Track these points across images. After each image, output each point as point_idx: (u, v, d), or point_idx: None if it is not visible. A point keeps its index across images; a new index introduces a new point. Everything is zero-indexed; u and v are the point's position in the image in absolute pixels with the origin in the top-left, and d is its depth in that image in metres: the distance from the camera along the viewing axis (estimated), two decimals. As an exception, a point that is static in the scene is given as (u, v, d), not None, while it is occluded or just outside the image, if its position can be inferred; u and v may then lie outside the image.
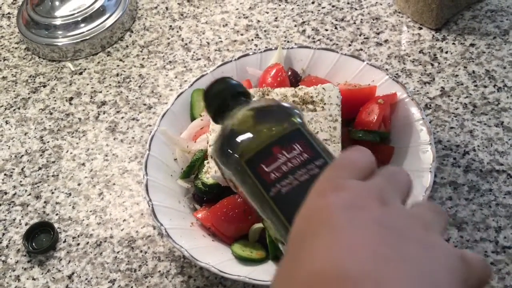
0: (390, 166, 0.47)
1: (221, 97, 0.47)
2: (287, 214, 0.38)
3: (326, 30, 0.83)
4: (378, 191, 0.31)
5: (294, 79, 0.69)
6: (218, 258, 0.57)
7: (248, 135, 0.42)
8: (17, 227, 0.70)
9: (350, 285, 0.26)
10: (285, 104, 0.45)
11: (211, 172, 0.59)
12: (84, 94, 0.83)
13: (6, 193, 0.74)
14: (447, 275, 0.28)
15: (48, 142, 0.78)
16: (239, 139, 0.42)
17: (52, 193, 0.73)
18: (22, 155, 0.77)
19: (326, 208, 0.30)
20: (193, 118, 0.68)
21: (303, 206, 0.31)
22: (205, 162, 0.61)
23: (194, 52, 0.84)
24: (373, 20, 0.83)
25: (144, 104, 0.80)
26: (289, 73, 0.70)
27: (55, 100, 0.83)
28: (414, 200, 0.34)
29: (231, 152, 0.42)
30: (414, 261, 0.28)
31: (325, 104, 0.60)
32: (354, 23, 0.83)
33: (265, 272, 0.56)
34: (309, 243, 0.29)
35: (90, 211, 0.70)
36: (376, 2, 0.85)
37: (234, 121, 0.44)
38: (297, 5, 0.87)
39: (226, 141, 0.43)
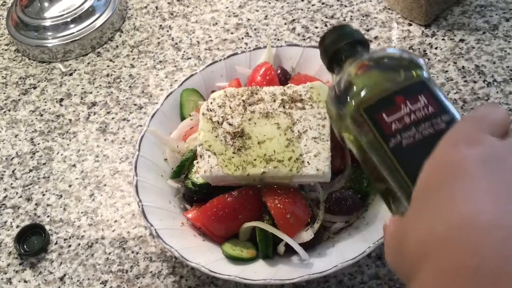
0: None
1: (338, 44, 0.45)
2: (408, 169, 0.35)
3: (316, 27, 0.83)
4: None
5: (284, 78, 0.69)
6: (208, 257, 0.57)
7: (369, 82, 0.40)
8: (9, 230, 0.70)
9: (505, 233, 0.25)
10: (409, 54, 0.42)
11: (200, 172, 0.59)
12: (75, 95, 0.82)
13: (-3, 196, 0.74)
14: None
15: (38, 144, 0.78)
16: (358, 86, 0.40)
17: (43, 195, 0.72)
18: (13, 157, 0.77)
19: (460, 159, 0.29)
20: (182, 118, 0.68)
21: (430, 158, 0.30)
22: (195, 162, 0.61)
23: (184, 52, 0.84)
24: (363, 17, 0.83)
25: (135, 104, 0.79)
26: (279, 71, 0.69)
27: (46, 102, 0.82)
28: None
29: (348, 100, 0.40)
30: None
31: (314, 102, 0.60)
32: (344, 20, 0.83)
33: (256, 271, 0.56)
34: (444, 194, 0.28)
35: (81, 213, 0.70)
36: (366, -1, 0.85)
37: (352, 68, 0.42)
38: (287, 3, 0.87)
39: (343, 89, 0.41)
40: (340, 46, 0.45)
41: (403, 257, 0.30)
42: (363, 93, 0.39)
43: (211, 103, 0.62)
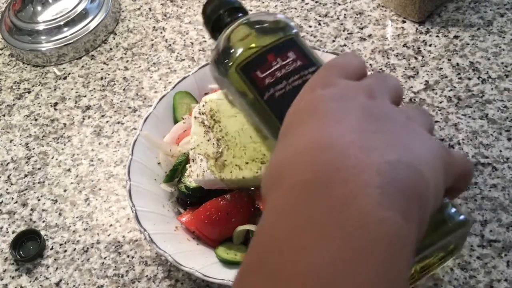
0: (382, 72, 0.49)
1: (217, 12, 0.48)
2: (280, 116, 0.39)
3: (310, 26, 0.83)
4: (366, 88, 0.32)
5: (277, 78, 0.69)
6: (202, 262, 0.57)
7: (243, 44, 0.43)
8: (4, 236, 0.70)
9: (337, 151, 0.28)
10: (280, 16, 0.46)
11: (193, 176, 0.59)
12: (69, 99, 0.82)
13: (-8, 202, 0.74)
14: (429, 153, 0.29)
15: (33, 148, 0.78)
16: (234, 48, 0.43)
17: (39, 200, 0.72)
18: (8, 163, 0.77)
19: (315, 99, 0.32)
20: (176, 121, 0.68)
21: (293, 103, 0.33)
22: (187, 166, 0.61)
23: (178, 53, 0.84)
24: (357, 15, 0.82)
25: (129, 107, 0.79)
26: (271, 72, 0.69)
27: (40, 106, 0.82)
28: None
29: (226, 61, 0.43)
30: (398, 135, 0.29)
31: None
32: (338, 18, 0.83)
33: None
34: (299, 129, 0.31)
35: (77, 217, 0.70)
36: (360, -3, 0.85)
37: (229, 32, 0.45)
38: (281, 2, 0.87)
39: (222, 51, 0.44)
40: (219, 13, 0.49)
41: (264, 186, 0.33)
42: (238, 54, 0.43)
43: (203, 106, 0.61)
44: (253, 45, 0.43)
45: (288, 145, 0.31)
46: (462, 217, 0.34)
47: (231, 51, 0.43)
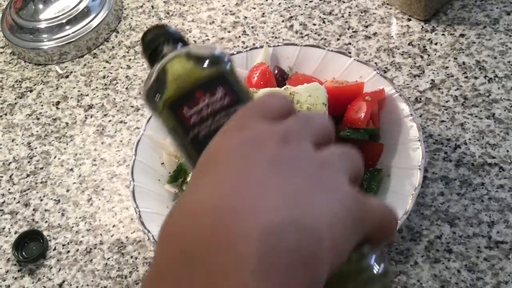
0: (308, 112, 0.46)
1: (156, 42, 0.46)
2: None
3: (314, 24, 0.82)
4: (283, 130, 0.29)
5: (281, 78, 0.68)
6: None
7: (173, 79, 0.41)
8: (7, 236, 0.70)
9: (220, 217, 0.26)
10: (216, 50, 0.44)
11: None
12: (71, 98, 0.82)
13: (-6, 202, 0.73)
14: (332, 206, 0.27)
15: (35, 148, 0.77)
16: (164, 82, 0.42)
17: (41, 200, 0.72)
18: (10, 162, 0.77)
19: (222, 145, 0.30)
20: (179, 121, 0.67)
21: (207, 146, 0.31)
22: (192, 166, 0.60)
23: (181, 51, 0.83)
24: (361, 13, 0.82)
25: (132, 106, 0.79)
26: (276, 71, 0.68)
27: (42, 105, 0.82)
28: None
29: (157, 95, 0.41)
30: (300, 189, 0.27)
31: (311, 104, 0.59)
32: (342, 16, 0.82)
33: None
34: (198, 182, 0.29)
35: (80, 218, 0.69)
36: (364, -6, 0.84)
37: (162, 64, 0.43)
38: (284, 0, 0.86)
39: (152, 85, 0.42)
40: (157, 42, 0.46)
41: None
42: (168, 89, 0.41)
43: (207, 106, 0.61)
44: (184, 80, 0.41)
45: (184, 201, 0.28)
46: (379, 268, 0.31)
47: (162, 85, 0.41)
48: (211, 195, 0.27)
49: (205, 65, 0.42)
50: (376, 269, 0.31)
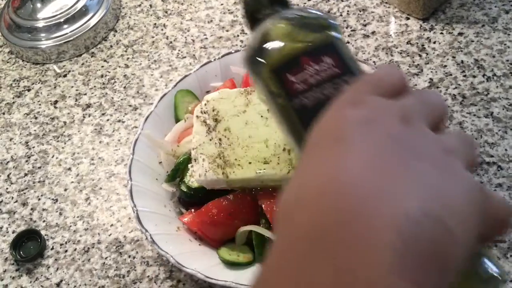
0: (425, 89, 0.43)
1: (257, 3, 0.45)
2: (308, 127, 0.36)
3: (312, 23, 0.82)
4: (401, 109, 0.28)
5: (279, 76, 0.68)
6: (205, 263, 0.56)
7: (278, 43, 0.40)
8: (4, 235, 0.70)
9: (352, 196, 0.25)
10: (323, 15, 0.43)
11: (195, 176, 0.58)
12: (69, 97, 0.82)
13: (-8, 201, 0.73)
14: (462, 198, 0.26)
15: (33, 147, 0.77)
16: (268, 46, 0.40)
17: (39, 199, 0.72)
18: (8, 161, 0.76)
19: (341, 121, 0.28)
20: (177, 120, 0.67)
21: (320, 118, 0.30)
22: (189, 165, 0.60)
23: (179, 50, 0.83)
24: (360, 11, 0.82)
25: (130, 105, 0.79)
26: (274, 70, 0.68)
27: (40, 104, 0.82)
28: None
29: (259, 59, 0.40)
30: (427, 176, 0.26)
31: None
32: (341, 15, 0.82)
33: (253, 276, 0.55)
34: (319, 155, 0.28)
35: (77, 217, 0.69)
36: (363, -7, 0.84)
37: (265, 28, 0.42)
38: (283, -1, 0.86)
39: (256, 48, 0.41)
40: (260, 4, 0.45)
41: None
42: (270, 54, 0.40)
43: (205, 105, 0.61)
44: (287, 44, 0.40)
45: (305, 174, 0.28)
46: (496, 270, 0.30)
47: (265, 49, 0.40)
48: (340, 173, 0.26)
49: (313, 30, 0.41)
50: (490, 271, 0.30)
